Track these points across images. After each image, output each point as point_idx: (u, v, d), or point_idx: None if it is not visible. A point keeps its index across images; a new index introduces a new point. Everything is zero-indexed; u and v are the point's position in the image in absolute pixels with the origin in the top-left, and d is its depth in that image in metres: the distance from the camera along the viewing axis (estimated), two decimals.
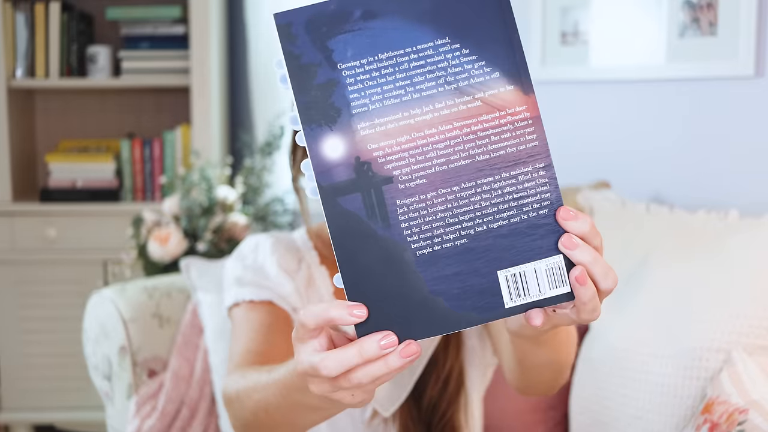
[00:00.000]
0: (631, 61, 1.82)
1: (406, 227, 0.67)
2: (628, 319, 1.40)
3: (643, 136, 1.82)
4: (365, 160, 0.67)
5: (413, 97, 0.68)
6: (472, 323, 0.68)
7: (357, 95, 0.67)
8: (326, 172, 0.67)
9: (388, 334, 0.66)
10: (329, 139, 0.67)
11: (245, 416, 0.93)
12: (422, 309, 0.67)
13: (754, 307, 1.28)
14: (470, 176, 0.68)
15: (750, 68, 1.59)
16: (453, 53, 0.68)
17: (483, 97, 0.68)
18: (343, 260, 0.67)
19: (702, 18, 1.67)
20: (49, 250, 2.74)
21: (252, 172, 2.50)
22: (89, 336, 1.64)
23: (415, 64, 0.68)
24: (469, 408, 1.26)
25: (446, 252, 0.67)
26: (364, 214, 0.67)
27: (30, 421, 2.79)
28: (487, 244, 0.68)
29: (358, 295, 0.67)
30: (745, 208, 1.49)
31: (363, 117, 0.67)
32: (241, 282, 1.21)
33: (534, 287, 0.68)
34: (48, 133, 3.00)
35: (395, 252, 0.67)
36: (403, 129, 0.67)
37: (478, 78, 0.68)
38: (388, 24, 0.68)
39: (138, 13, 2.78)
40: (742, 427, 1.12)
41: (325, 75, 0.67)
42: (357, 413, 1.22)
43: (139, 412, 1.55)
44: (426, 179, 0.67)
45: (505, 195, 0.68)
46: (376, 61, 0.68)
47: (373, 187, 0.67)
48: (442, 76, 0.68)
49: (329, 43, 0.67)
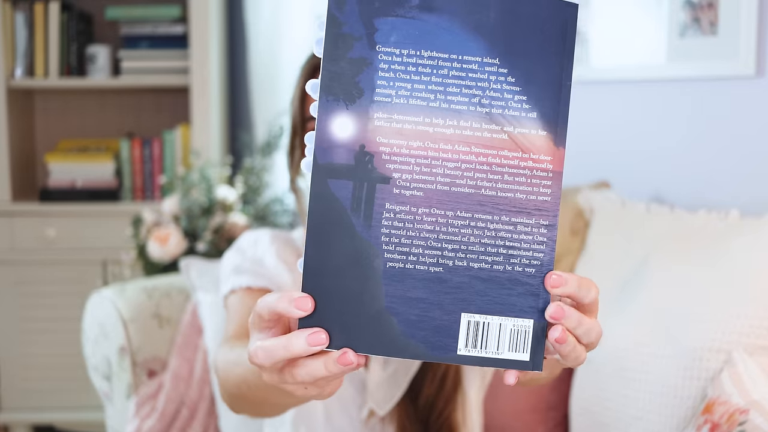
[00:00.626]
0: (632, 61, 1.82)
1: (386, 234, 0.63)
2: (628, 320, 1.40)
3: (643, 135, 1.82)
4: (369, 151, 0.63)
5: (441, 106, 0.64)
6: (417, 356, 0.64)
7: (385, 83, 0.64)
8: (327, 149, 0.63)
9: (319, 331, 0.62)
10: (341, 117, 0.63)
11: (230, 389, 0.94)
12: (372, 323, 0.63)
13: (755, 307, 1.28)
14: (469, 207, 0.64)
15: (751, 68, 1.58)
16: (498, 77, 0.64)
17: (511, 132, 0.64)
18: (311, 245, 0.63)
19: (703, 18, 1.67)
20: (49, 250, 2.74)
21: (252, 172, 2.50)
22: (89, 336, 1.64)
23: (455, 74, 0.64)
24: (467, 407, 1.25)
25: (417, 273, 0.64)
26: (349, 205, 0.63)
27: (29, 421, 2.78)
28: (460, 281, 0.64)
29: (314, 285, 0.63)
30: (746, 208, 1.49)
31: (383, 107, 0.63)
32: (238, 270, 1.21)
33: (493, 343, 0.64)
34: (47, 133, 2.99)
35: (366, 255, 0.63)
36: (419, 134, 0.64)
37: (513, 111, 0.64)
38: (443, 23, 0.64)
39: (137, 12, 2.78)
40: (743, 428, 1.11)
41: (360, 51, 0.63)
42: (354, 412, 1.22)
43: (138, 412, 1.55)
44: (423, 193, 0.64)
45: (497, 239, 0.64)
46: (417, 56, 0.64)
47: (367, 181, 0.63)
48: (478, 96, 0.64)
49: (376, 21, 0.63)
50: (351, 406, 1.22)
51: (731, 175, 1.65)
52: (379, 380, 1.20)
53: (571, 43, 0.65)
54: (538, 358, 0.65)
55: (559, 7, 0.65)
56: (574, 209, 1.64)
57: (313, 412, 1.21)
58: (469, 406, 1.26)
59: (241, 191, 2.46)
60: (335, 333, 0.63)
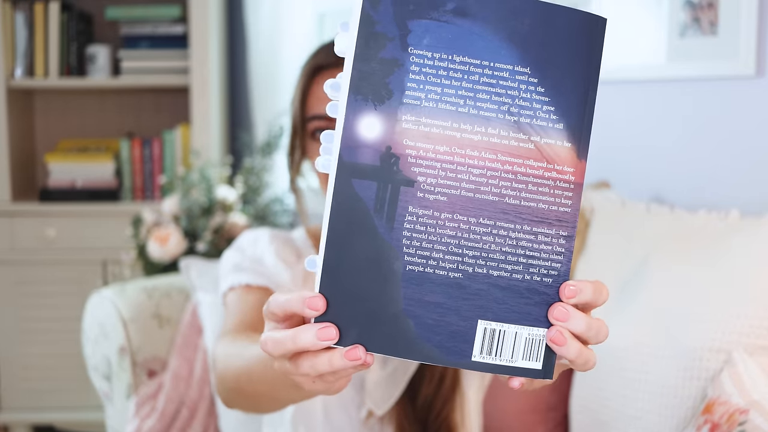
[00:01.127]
0: (632, 61, 1.82)
1: (407, 237, 0.63)
2: (628, 320, 1.40)
3: (643, 135, 1.82)
4: (395, 153, 0.63)
5: (470, 112, 0.64)
6: (431, 360, 0.64)
7: (415, 85, 0.63)
8: (353, 149, 0.63)
9: (329, 327, 0.62)
10: (369, 117, 0.63)
11: (228, 381, 0.93)
12: (389, 324, 0.63)
13: (755, 307, 1.28)
14: (492, 215, 0.64)
15: (751, 68, 1.58)
16: (528, 86, 0.64)
17: (538, 142, 0.64)
18: (331, 243, 0.63)
19: (703, 18, 1.67)
20: (49, 250, 2.74)
21: (252, 172, 2.50)
22: (89, 336, 1.64)
23: (486, 80, 0.64)
24: (466, 407, 1.25)
25: (437, 278, 0.64)
26: (372, 206, 0.63)
27: (29, 421, 2.78)
28: (479, 289, 0.64)
29: (331, 283, 0.63)
30: (746, 207, 1.49)
31: (412, 109, 0.63)
32: (238, 268, 1.21)
33: (508, 351, 0.65)
34: (47, 133, 2.99)
35: (386, 257, 0.63)
36: (446, 139, 0.63)
37: (541, 121, 0.64)
38: (476, 29, 0.64)
39: (137, 12, 2.78)
40: (743, 428, 1.11)
41: (392, 52, 0.63)
42: (353, 412, 1.22)
43: (138, 412, 1.55)
44: (447, 198, 0.64)
45: (518, 248, 0.65)
46: (449, 61, 0.63)
47: (392, 183, 0.63)
48: (508, 104, 0.64)
49: (410, 23, 0.63)
50: (350, 405, 1.22)
51: (731, 174, 1.65)
52: (378, 380, 1.20)
53: (599, 56, 0.66)
54: (549, 367, 0.66)
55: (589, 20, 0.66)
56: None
57: (312, 412, 1.21)
58: (468, 406, 1.26)
59: (241, 191, 2.46)
60: (348, 331, 0.63)
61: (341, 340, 0.63)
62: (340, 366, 0.63)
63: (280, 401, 0.89)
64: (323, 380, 0.67)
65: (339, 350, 0.62)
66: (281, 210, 2.54)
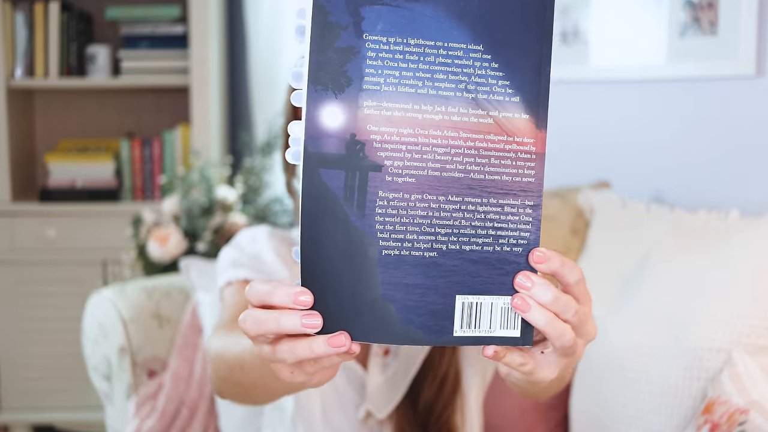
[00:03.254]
0: (632, 61, 1.82)
1: (380, 222, 0.64)
2: (628, 320, 1.40)
3: (643, 136, 1.82)
4: (360, 140, 0.63)
5: (428, 93, 0.64)
6: (415, 342, 0.65)
7: (373, 71, 0.64)
8: (317, 139, 0.63)
9: (314, 314, 0.62)
10: (331, 107, 0.63)
11: (222, 371, 0.93)
12: (370, 311, 0.64)
13: (755, 307, 1.28)
14: (459, 191, 0.65)
15: (751, 68, 1.58)
16: (482, 63, 0.65)
17: (496, 117, 0.66)
18: (306, 236, 0.63)
19: (703, 17, 1.67)
20: (49, 250, 2.74)
21: (252, 172, 2.50)
22: (89, 336, 1.64)
23: (441, 61, 0.65)
24: (466, 410, 1.25)
25: (413, 260, 0.64)
26: (342, 194, 0.63)
27: (29, 421, 2.78)
28: (454, 265, 0.65)
29: (311, 276, 0.63)
30: (746, 207, 1.49)
31: (372, 95, 0.63)
32: (236, 264, 1.21)
33: (486, 322, 0.66)
34: (47, 133, 2.99)
35: (360, 244, 0.63)
36: (409, 121, 0.64)
37: (498, 96, 0.66)
38: (428, 11, 0.65)
39: (137, 12, 2.78)
40: (743, 428, 1.11)
41: (347, 40, 0.63)
42: (352, 412, 1.22)
43: (138, 412, 1.55)
44: (415, 179, 0.64)
45: (486, 221, 0.66)
46: (404, 44, 0.64)
47: (359, 169, 0.63)
48: (464, 82, 0.65)
49: (363, 10, 0.64)
50: (349, 406, 1.22)
51: (731, 175, 1.65)
52: (378, 384, 1.20)
53: (549, 29, 0.67)
54: (527, 334, 0.67)
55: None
56: (575, 209, 1.64)
57: (312, 412, 1.21)
58: (469, 408, 1.26)
59: (241, 191, 2.46)
60: (331, 322, 0.63)
61: (324, 329, 0.63)
62: (321, 352, 0.62)
63: (271, 391, 0.89)
64: (302, 370, 0.66)
65: (321, 337, 0.62)
66: (281, 210, 2.54)
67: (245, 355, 0.86)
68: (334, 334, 0.62)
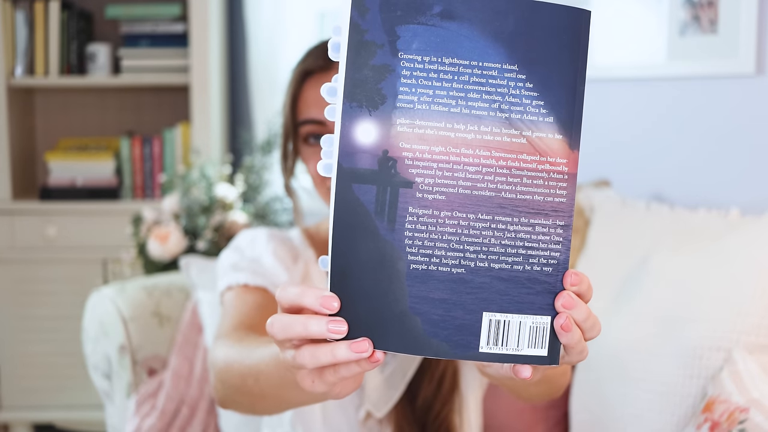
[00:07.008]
0: (632, 60, 1.82)
1: (409, 237, 0.65)
2: (628, 319, 1.40)
3: (643, 134, 1.82)
4: (392, 157, 0.65)
5: (462, 112, 0.65)
6: (440, 354, 0.66)
7: (407, 89, 0.65)
8: (351, 155, 0.64)
9: (340, 320, 0.63)
10: (365, 123, 0.64)
11: (232, 380, 0.93)
12: (396, 323, 0.65)
13: (755, 305, 1.28)
14: (490, 210, 0.66)
15: (750, 66, 1.58)
16: (516, 83, 0.66)
17: (530, 137, 0.66)
18: (337, 248, 0.65)
19: (703, 16, 1.66)
20: (49, 249, 2.74)
21: (252, 170, 2.50)
22: (89, 335, 1.64)
23: (476, 80, 0.65)
24: (465, 409, 1.25)
25: (440, 275, 0.65)
26: (373, 209, 0.65)
27: (30, 419, 2.79)
28: (482, 282, 0.66)
29: (340, 286, 0.65)
30: (746, 206, 1.49)
31: (405, 113, 0.65)
32: (236, 267, 1.21)
33: (513, 340, 0.66)
34: (47, 132, 2.99)
35: (390, 257, 0.65)
36: (441, 139, 0.65)
37: (531, 116, 0.66)
38: (464, 30, 0.65)
39: (138, 11, 2.78)
40: (743, 426, 1.11)
41: (383, 58, 0.65)
42: (351, 413, 1.22)
43: (138, 410, 1.55)
44: (446, 197, 0.65)
45: (517, 240, 0.66)
46: (438, 63, 0.65)
47: (390, 185, 0.65)
48: (498, 101, 0.66)
49: (398, 28, 0.65)
50: (348, 406, 1.22)
51: (731, 173, 1.65)
52: (377, 382, 1.20)
53: (585, 49, 0.67)
54: (555, 353, 0.68)
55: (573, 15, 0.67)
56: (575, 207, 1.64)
57: (311, 413, 1.21)
58: (467, 407, 1.26)
59: (241, 189, 2.46)
60: (356, 330, 0.64)
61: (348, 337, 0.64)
62: (343, 357, 0.63)
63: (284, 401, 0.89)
64: (323, 379, 0.67)
65: (344, 342, 0.63)
66: (281, 208, 2.54)
67: (261, 365, 0.86)
68: (356, 339, 0.64)
